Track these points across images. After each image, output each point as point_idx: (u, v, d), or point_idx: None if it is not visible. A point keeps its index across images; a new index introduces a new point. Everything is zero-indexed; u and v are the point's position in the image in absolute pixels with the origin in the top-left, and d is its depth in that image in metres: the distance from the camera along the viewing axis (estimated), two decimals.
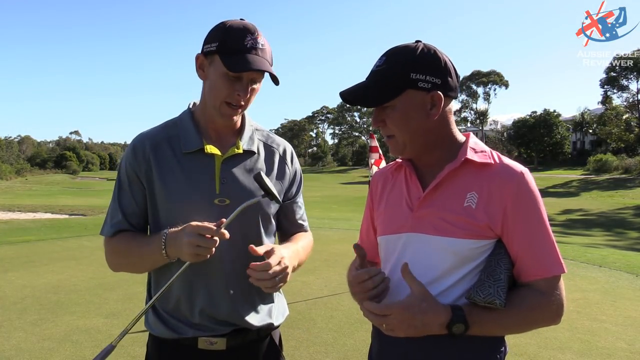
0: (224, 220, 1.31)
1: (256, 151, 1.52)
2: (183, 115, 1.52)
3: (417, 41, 1.28)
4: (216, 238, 1.28)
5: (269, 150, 1.57)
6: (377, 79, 1.25)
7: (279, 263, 1.32)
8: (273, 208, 1.53)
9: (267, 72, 1.38)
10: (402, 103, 1.24)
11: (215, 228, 1.28)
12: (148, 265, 1.44)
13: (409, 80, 1.22)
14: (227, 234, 1.29)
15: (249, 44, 1.36)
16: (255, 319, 1.48)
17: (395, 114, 1.25)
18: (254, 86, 1.43)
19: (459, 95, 1.34)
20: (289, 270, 1.36)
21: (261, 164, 1.52)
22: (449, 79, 1.26)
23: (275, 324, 1.55)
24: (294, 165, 1.62)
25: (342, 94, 1.30)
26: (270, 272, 1.29)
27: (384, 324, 1.19)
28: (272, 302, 1.56)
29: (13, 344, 4.08)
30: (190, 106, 1.55)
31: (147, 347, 1.54)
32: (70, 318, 4.74)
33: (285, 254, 1.37)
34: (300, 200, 1.67)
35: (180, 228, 1.33)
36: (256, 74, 1.40)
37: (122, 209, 1.46)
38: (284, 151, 1.60)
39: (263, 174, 1.33)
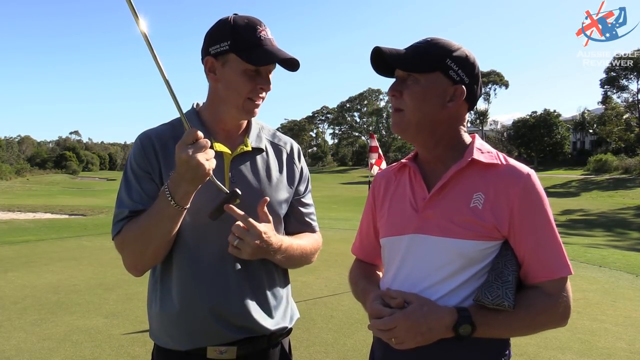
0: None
1: (264, 149, 1.51)
2: (188, 115, 1.48)
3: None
4: (201, 141, 1.23)
5: (277, 148, 1.56)
6: (415, 51, 1.26)
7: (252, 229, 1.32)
8: (283, 208, 1.52)
9: (292, 58, 1.37)
10: (427, 80, 1.24)
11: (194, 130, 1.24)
12: (165, 230, 1.32)
13: (442, 64, 1.24)
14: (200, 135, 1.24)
15: (262, 36, 1.36)
16: (268, 322, 1.44)
17: (416, 88, 1.25)
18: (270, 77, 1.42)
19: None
20: (265, 240, 1.34)
21: (270, 162, 1.51)
22: (476, 86, 1.29)
23: (289, 326, 1.52)
24: (301, 163, 1.61)
25: (375, 49, 1.27)
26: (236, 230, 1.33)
27: (392, 337, 1.19)
28: (286, 303, 1.54)
29: (13, 344, 4.07)
30: (194, 106, 1.52)
31: (152, 356, 1.51)
32: (70, 318, 4.74)
33: (267, 229, 1.35)
34: (308, 199, 1.62)
35: (174, 172, 1.28)
36: (271, 65, 1.39)
37: (130, 208, 1.38)
38: (291, 149, 1.59)
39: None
